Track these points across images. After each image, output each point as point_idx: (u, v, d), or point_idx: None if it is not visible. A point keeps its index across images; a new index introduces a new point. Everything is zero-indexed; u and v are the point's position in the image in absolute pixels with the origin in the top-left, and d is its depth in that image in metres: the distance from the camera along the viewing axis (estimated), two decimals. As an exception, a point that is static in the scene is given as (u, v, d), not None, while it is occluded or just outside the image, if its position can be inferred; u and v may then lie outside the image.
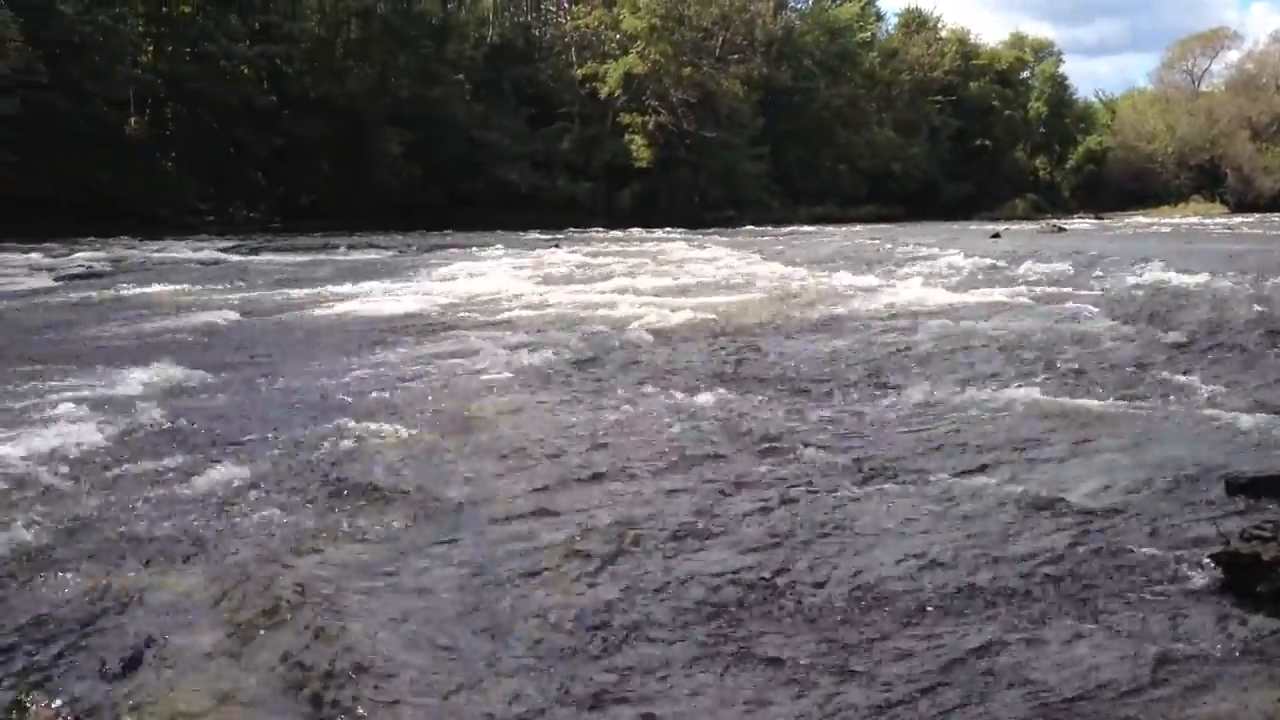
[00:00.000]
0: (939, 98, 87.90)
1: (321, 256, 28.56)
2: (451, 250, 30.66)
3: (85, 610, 4.08)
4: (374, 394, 8.33)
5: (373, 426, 6.93)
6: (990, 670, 3.67)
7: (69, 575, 4.40)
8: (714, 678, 3.65)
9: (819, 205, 71.92)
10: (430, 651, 3.82)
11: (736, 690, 3.57)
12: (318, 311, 14.58)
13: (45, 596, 4.20)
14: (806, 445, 6.62)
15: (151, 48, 51.79)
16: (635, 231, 45.83)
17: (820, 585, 4.42)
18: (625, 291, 16.45)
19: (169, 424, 7.11)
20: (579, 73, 66.81)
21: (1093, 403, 7.82)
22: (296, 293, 17.27)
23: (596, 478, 5.99)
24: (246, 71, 52.95)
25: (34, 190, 39.97)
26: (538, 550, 4.79)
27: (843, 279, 18.07)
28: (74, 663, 3.67)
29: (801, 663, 3.75)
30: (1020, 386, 8.38)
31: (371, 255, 29.32)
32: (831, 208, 72.05)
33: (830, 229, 50.97)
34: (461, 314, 13.92)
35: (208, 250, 30.38)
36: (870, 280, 17.74)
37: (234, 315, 13.88)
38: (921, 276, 18.53)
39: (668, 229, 48.14)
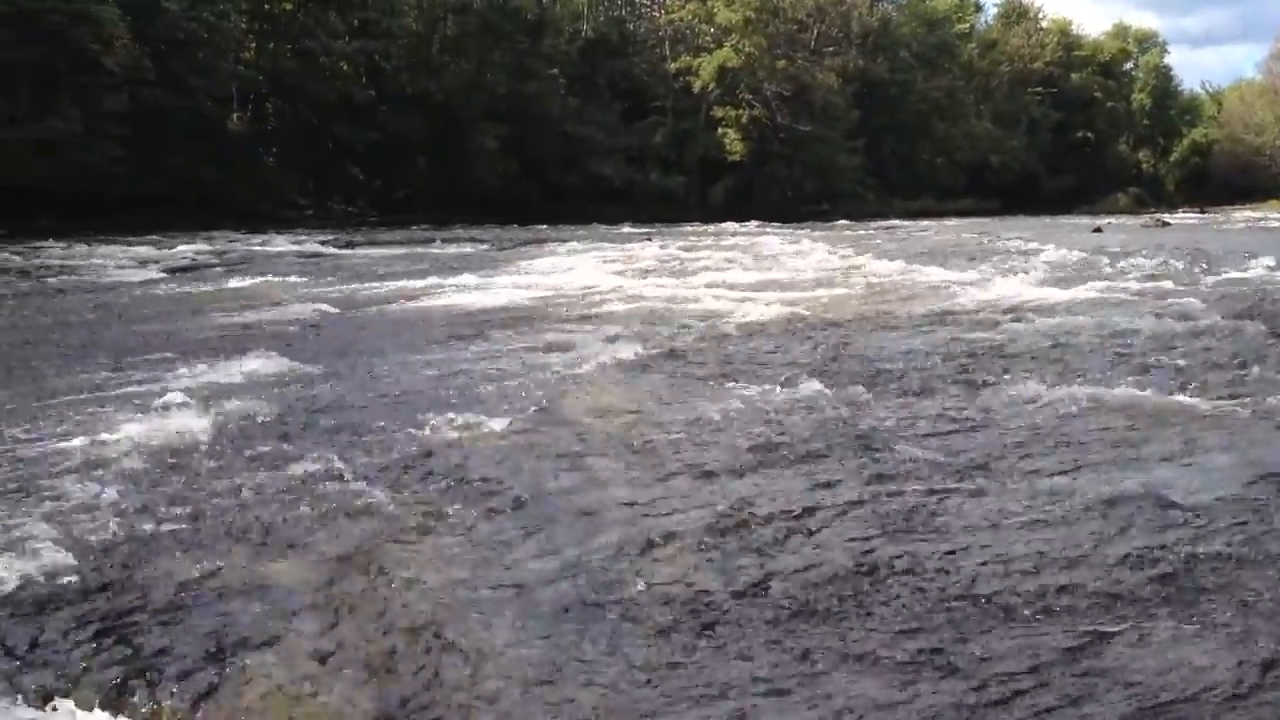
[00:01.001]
0: (1039, 89, 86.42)
1: (417, 250, 28.90)
2: (545, 244, 30.84)
3: (194, 594, 4.19)
4: (470, 386, 8.41)
5: (469, 418, 7.01)
6: (1089, 671, 3.60)
7: (178, 560, 4.52)
8: (809, 673, 3.64)
9: (915, 199, 71.16)
10: (527, 642, 3.85)
11: (832, 687, 3.55)
12: (414, 304, 14.76)
13: (155, 580, 4.31)
14: (903, 441, 6.55)
15: (254, 44, 52.81)
16: (728, 225, 45.64)
17: (916, 582, 4.37)
18: (718, 286, 16.41)
19: (272, 414, 7.25)
20: (673, 66, 66.78)
21: (1197, 401, 7.63)
22: (393, 286, 17.50)
23: (691, 472, 5.99)
24: (345, 67, 53.75)
25: (141, 185, 40.98)
26: (632, 544, 4.81)
27: (940, 274, 17.84)
28: (183, 645, 3.76)
29: (897, 660, 3.72)
30: (1122, 384, 8.20)
31: (466, 249, 29.60)
32: (927, 201, 71.21)
33: (926, 223, 50.40)
34: (556, 308, 14.00)
35: (307, 244, 30.92)
36: (968, 275, 17.49)
37: (333, 308, 14.11)
38: (1021, 272, 18.24)
39: (760, 223, 47.87)
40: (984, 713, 3.37)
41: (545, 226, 44.41)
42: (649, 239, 32.98)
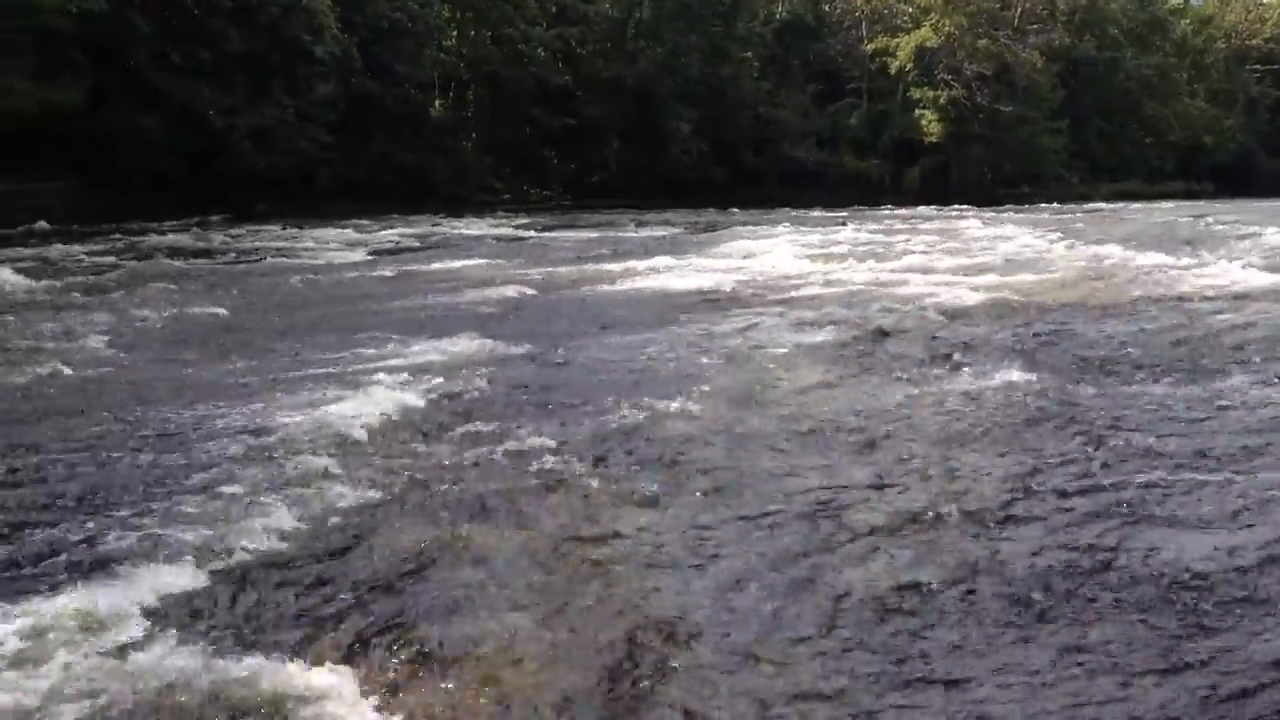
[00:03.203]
0: (1258, 66, 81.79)
1: (611, 234, 29.19)
2: (738, 227, 30.75)
3: (417, 562, 4.34)
4: (667, 368, 8.45)
5: (668, 400, 7.04)
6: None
7: (400, 530, 4.68)
8: (1022, 663, 3.54)
9: (1122, 181, 68.34)
10: (730, 618, 3.86)
11: (1046, 677, 3.44)
12: (610, 287, 14.90)
13: (381, 548, 4.48)
14: (1118, 430, 6.29)
15: (455, 32, 54.11)
16: (924, 209, 44.73)
17: (1136, 573, 4.20)
18: (917, 270, 16.07)
19: (479, 392, 7.43)
20: (869, 47, 65.60)
21: None
22: (589, 269, 17.71)
23: (893, 456, 5.89)
24: (543, 54, 54.59)
25: (347, 170, 42.53)
26: (836, 530, 4.75)
27: (1153, 258, 17.06)
28: (409, 610, 3.90)
29: (1119, 651, 3.58)
30: (1360, 375, 7.70)
31: (659, 232, 29.75)
32: (1135, 184, 68.29)
33: (1135, 206, 48.40)
34: (750, 291, 13.94)
35: (504, 227, 31.58)
36: (1184, 260, 16.68)
37: (532, 290, 14.36)
38: (1242, 257, 17.28)
39: (959, 206, 46.74)
40: (1216, 708, 3.21)
41: (737, 210, 44.31)
42: (843, 223, 32.55)
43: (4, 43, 28.03)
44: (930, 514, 4.89)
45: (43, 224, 27.67)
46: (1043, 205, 51.13)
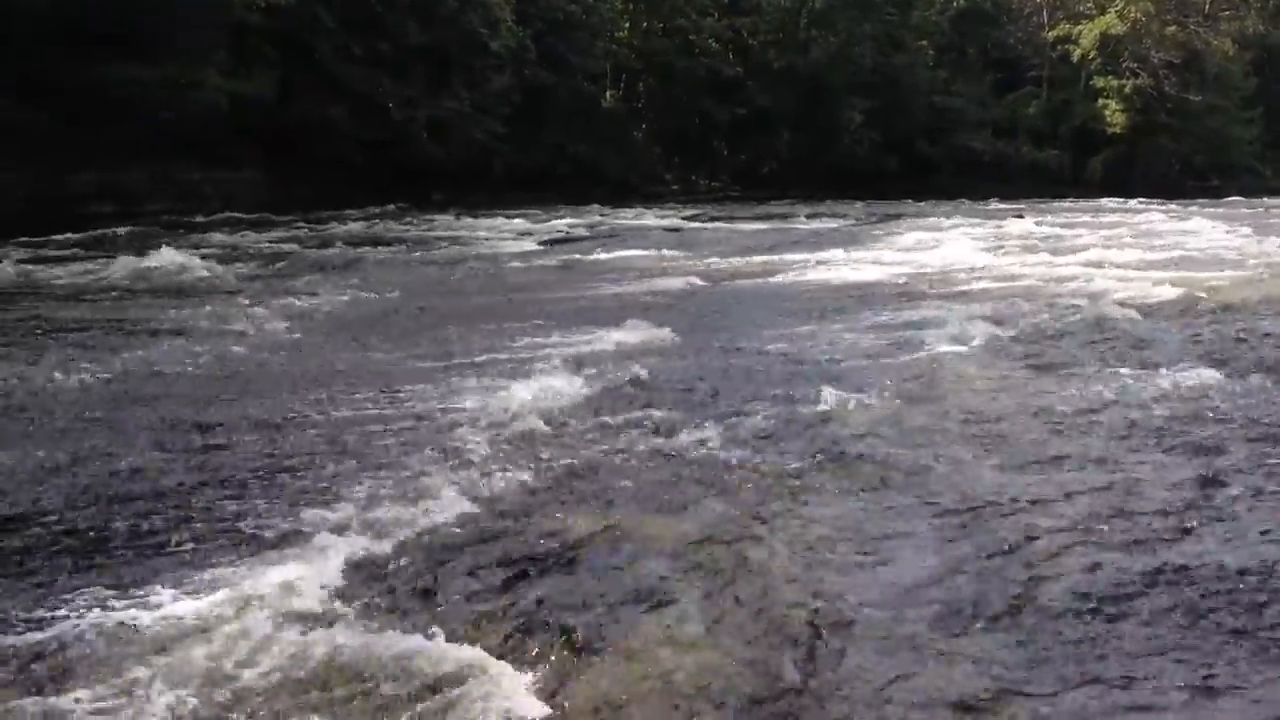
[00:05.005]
0: None
1: (781, 225, 29.01)
2: (911, 219, 30.22)
3: (581, 548, 4.37)
4: (836, 361, 8.34)
5: (836, 391, 6.94)
6: None
7: (564, 516, 4.72)
8: (1207, 673, 3.38)
9: (1321, 174, 64.83)
10: (894, 616, 3.79)
11: (1228, 683, 3.27)
12: (778, 279, 14.78)
13: (545, 533, 4.53)
14: (1315, 436, 5.93)
15: (628, 24, 54.48)
16: (1106, 201, 43.14)
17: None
18: (1098, 264, 15.49)
19: (644, 381, 7.45)
20: (1050, 35, 63.60)
21: None
22: (757, 260, 17.60)
23: (1069, 457, 5.69)
24: (714, 44, 54.56)
25: (520, 161, 43.25)
26: (1005, 526, 4.64)
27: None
28: (573, 595, 3.93)
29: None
30: None
31: (830, 224, 29.43)
32: (1336, 177, 64.69)
33: (1336, 200, 45.91)
34: (922, 284, 13.65)
35: (673, 218, 31.65)
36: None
37: (700, 281, 14.33)
38: None
39: (1143, 199, 44.95)
40: None
41: (910, 201, 43.53)
42: (1020, 215, 31.63)
43: (199, 37, 29.28)
44: (1108, 517, 4.70)
45: (232, 213, 28.87)
46: (1234, 199, 48.82)
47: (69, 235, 19.96)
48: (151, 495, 4.93)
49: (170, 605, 3.68)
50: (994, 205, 40.34)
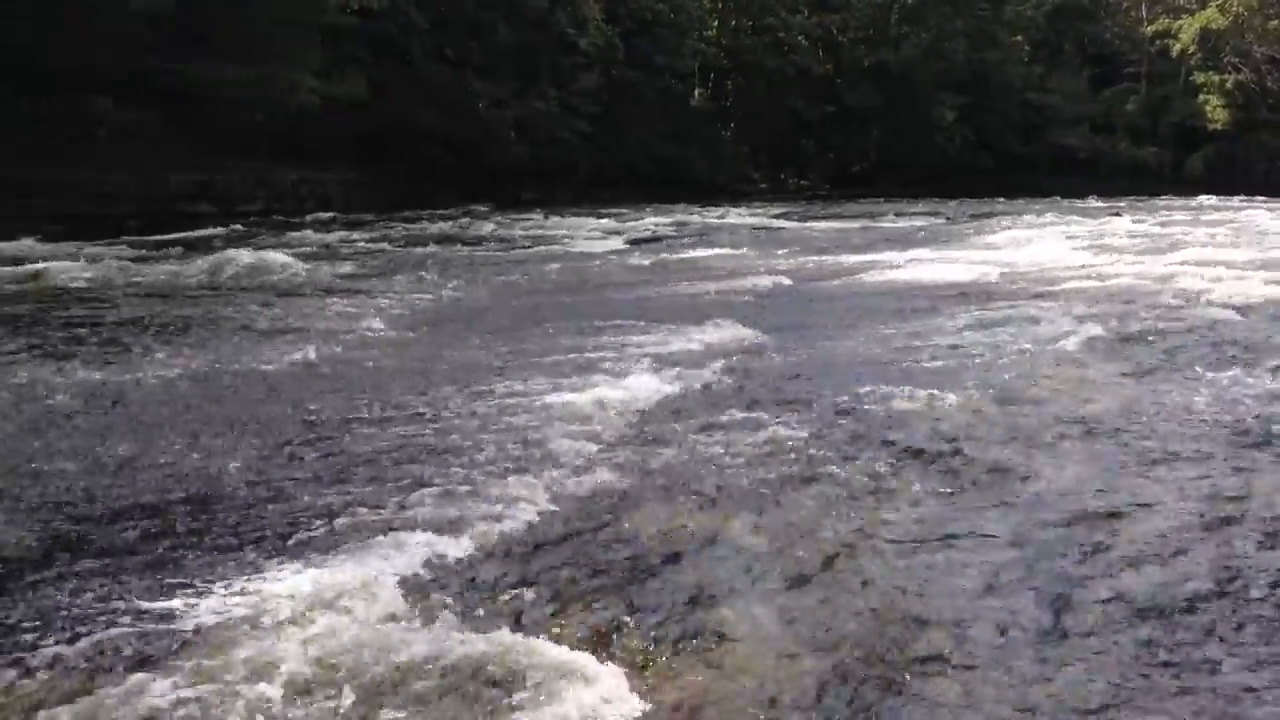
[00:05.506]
0: None
1: (870, 223, 28.76)
2: (1003, 217, 29.78)
3: (667, 548, 4.36)
4: (924, 360, 8.23)
5: (924, 392, 6.85)
6: None
7: (650, 514, 4.72)
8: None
9: None
10: (985, 619, 3.72)
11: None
12: (866, 278, 14.64)
13: (631, 532, 4.53)
14: None
15: (716, 22, 54.42)
16: (1207, 199, 42.10)
17: None
18: (1198, 264, 15.08)
19: (729, 380, 7.43)
20: (1149, 29, 62.32)
21: None
22: (846, 259, 17.45)
23: (1169, 460, 5.54)
24: (803, 42, 54.29)
25: (607, 160, 43.43)
26: (1100, 530, 4.53)
27: None
28: (659, 595, 3.92)
29: None
30: None
31: (920, 222, 29.11)
32: None
33: None
34: (1014, 283, 13.43)
35: (760, 216, 31.55)
36: None
37: (787, 280, 14.25)
38: None
39: (1245, 197, 43.78)
40: None
41: (1002, 199, 42.92)
42: (1117, 213, 31.02)
43: (294, 40, 29.84)
44: (1206, 522, 4.57)
45: (325, 213, 29.37)
46: (1342, 196, 47.41)
47: (170, 235, 20.48)
48: (243, 489, 5.02)
49: (258, 597, 3.73)
50: (1090, 203, 39.61)
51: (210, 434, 5.98)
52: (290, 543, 4.33)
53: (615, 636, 3.58)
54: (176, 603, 3.73)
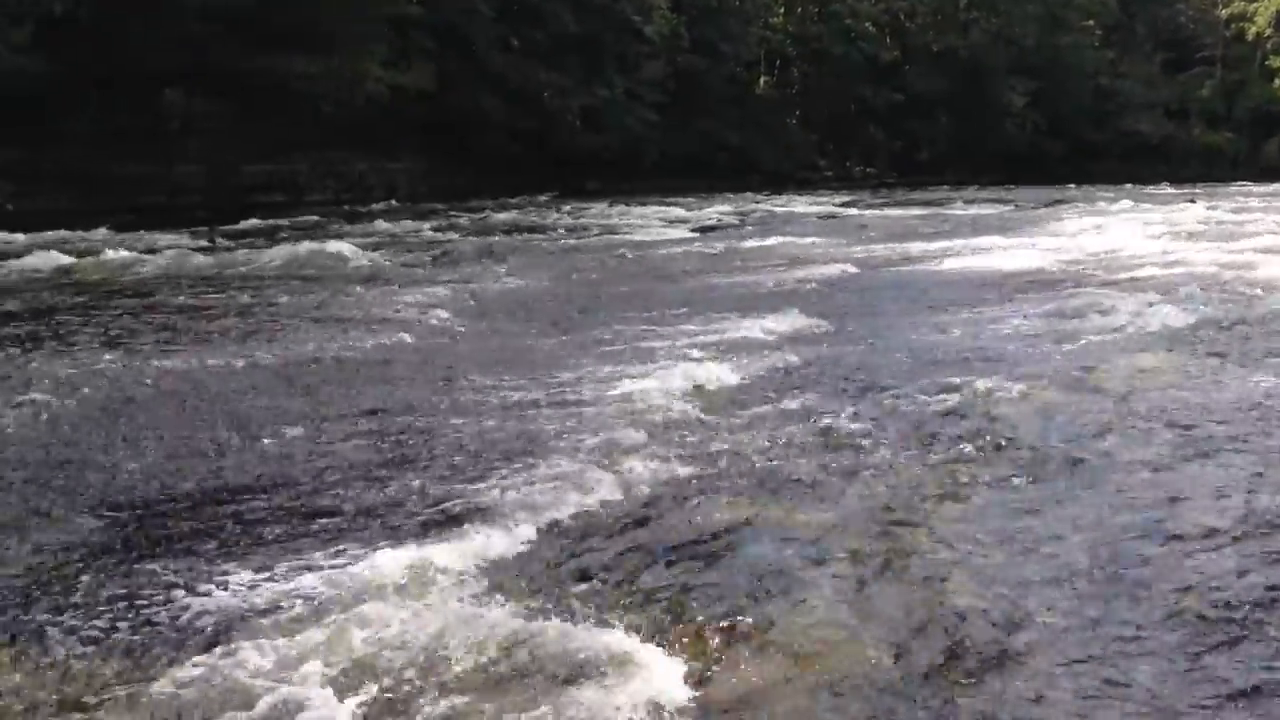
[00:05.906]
0: None
1: (938, 210, 28.49)
2: (1075, 204, 29.36)
3: (729, 536, 4.34)
4: (993, 349, 8.14)
5: (991, 381, 6.77)
6: None
7: (711, 504, 4.70)
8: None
9: None
10: (1049, 613, 3.66)
11: None
12: (933, 266, 14.51)
13: (692, 521, 4.52)
14: None
15: (782, 10, 54.10)
16: (1284, 185, 41.22)
17: None
18: (1273, 251, 14.77)
19: (794, 369, 7.41)
20: (1224, 12, 61.07)
21: None
22: (912, 247, 17.31)
23: (1242, 455, 5.41)
24: (871, 28, 53.82)
25: (673, 148, 43.36)
26: (1169, 524, 4.43)
27: None
28: (720, 583, 3.91)
29: None
30: None
31: (988, 210, 28.77)
32: None
33: None
34: (1085, 271, 13.23)
35: (826, 205, 31.36)
36: None
37: (853, 268, 14.16)
38: None
39: (1325, 182, 42.83)
40: None
41: (1073, 186, 42.29)
42: (1192, 200, 30.46)
43: (363, 31, 30.13)
44: (1265, 519, 4.45)
45: (392, 201, 29.63)
46: None
47: (240, 224, 20.78)
48: (315, 476, 5.09)
49: (332, 581, 3.79)
50: (1163, 190, 38.92)
51: (279, 423, 6.05)
52: (358, 530, 4.38)
53: (675, 623, 3.57)
54: (253, 582, 3.82)
